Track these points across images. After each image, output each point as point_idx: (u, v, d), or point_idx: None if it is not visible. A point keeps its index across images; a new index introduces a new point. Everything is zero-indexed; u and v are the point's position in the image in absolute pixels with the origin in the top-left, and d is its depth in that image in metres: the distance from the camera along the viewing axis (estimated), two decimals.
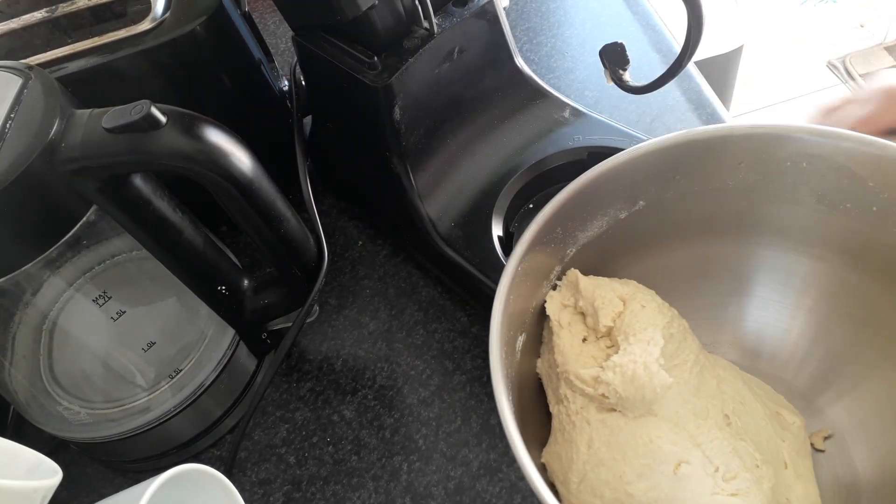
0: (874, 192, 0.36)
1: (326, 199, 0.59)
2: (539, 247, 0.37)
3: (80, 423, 0.43)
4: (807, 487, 0.38)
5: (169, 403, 0.44)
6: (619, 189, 0.39)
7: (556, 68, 0.67)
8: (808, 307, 0.41)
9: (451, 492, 0.45)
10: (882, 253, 0.37)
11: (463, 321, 0.52)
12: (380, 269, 0.56)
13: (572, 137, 0.53)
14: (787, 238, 0.40)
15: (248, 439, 0.48)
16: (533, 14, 0.72)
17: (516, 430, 0.30)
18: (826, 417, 0.41)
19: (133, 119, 0.33)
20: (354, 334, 0.52)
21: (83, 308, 0.44)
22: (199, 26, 0.47)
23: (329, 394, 0.50)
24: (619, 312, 0.38)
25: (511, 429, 0.30)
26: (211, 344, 0.45)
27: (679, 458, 0.36)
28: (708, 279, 0.43)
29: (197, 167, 0.35)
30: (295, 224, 0.41)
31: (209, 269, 0.42)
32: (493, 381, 0.32)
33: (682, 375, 0.38)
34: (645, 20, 0.69)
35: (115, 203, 0.37)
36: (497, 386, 0.32)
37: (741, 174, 0.38)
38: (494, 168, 0.52)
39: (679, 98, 0.63)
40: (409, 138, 0.48)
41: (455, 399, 0.49)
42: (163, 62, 0.47)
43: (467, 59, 0.49)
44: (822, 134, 0.36)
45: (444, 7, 0.48)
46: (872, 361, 0.39)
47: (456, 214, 0.50)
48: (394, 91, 0.45)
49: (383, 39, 0.46)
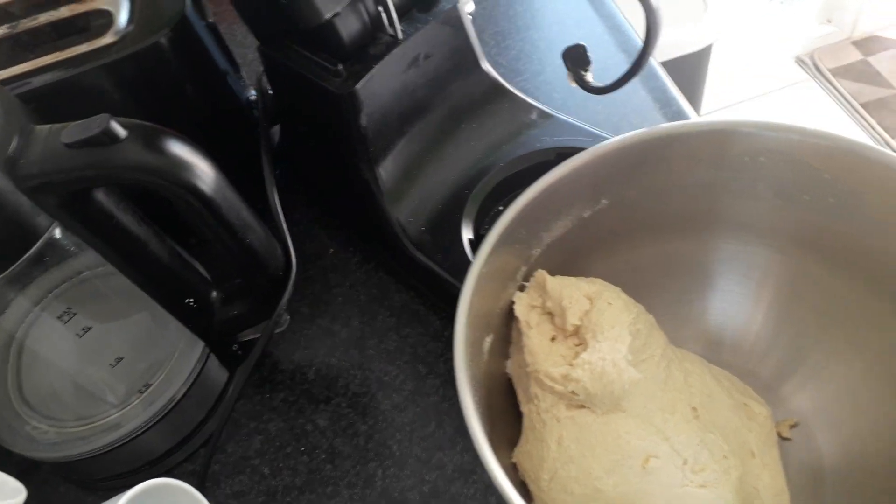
0: (830, 183, 0.37)
1: (297, 208, 0.59)
2: (503, 248, 0.38)
3: (50, 442, 0.43)
4: (774, 476, 0.39)
5: (140, 419, 0.43)
6: (582, 189, 0.39)
7: (525, 71, 0.68)
8: (770, 298, 0.42)
9: (427, 495, 0.45)
10: (840, 243, 0.38)
11: (436, 325, 0.52)
12: (351, 276, 0.56)
13: (540, 139, 0.53)
14: (748, 232, 0.41)
15: (221, 452, 0.48)
16: (500, 18, 0.73)
17: (479, 428, 0.31)
18: (791, 406, 0.42)
19: (93, 133, 0.33)
20: (327, 343, 0.52)
21: (49, 326, 0.43)
22: (163, 38, 0.47)
23: (302, 403, 0.50)
24: (586, 311, 0.39)
25: (474, 426, 0.31)
26: (181, 357, 0.45)
27: (647, 452, 0.36)
28: (673, 275, 0.44)
29: (158, 180, 0.35)
30: (261, 234, 0.41)
31: (176, 281, 0.41)
32: (458, 382, 0.32)
33: (649, 370, 0.38)
34: (611, 21, 0.70)
35: (77, 218, 0.36)
36: (461, 385, 0.32)
37: (700, 171, 0.39)
38: (463, 172, 0.52)
39: (645, 97, 0.64)
40: (376, 144, 0.48)
41: (429, 403, 0.49)
42: (127, 75, 0.47)
43: (433, 64, 0.50)
44: (777, 129, 0.37)
45: (409, 13, 0.48)
46: (833, 349, 0.40)
47: (426, 219, 0.51)
48: (359, 98, 0.45)
49: (348, 47, 0.46)
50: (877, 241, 0.36)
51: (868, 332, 0.38)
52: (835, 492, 0.39)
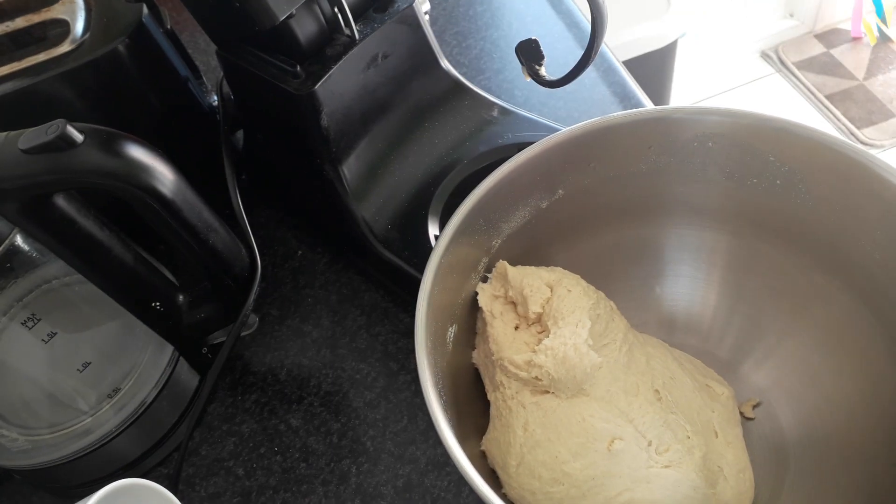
0: (775, 165, 0.38)
1: (264, 210, 0.60)
2: (463, 238, 0.38)
3: (20, 450, 0.43)
4: (737, 453, 0.40)
5: (111, 423, 0.43)
6: (537, 179, 0.40)
7: (486, 69, 0.69)
8: (724, 279, 0.43)
9: (401, 489, 0.45)
10: (788, 222, 0.39)
11: (406, 322, 0.53)
12: (321, 276, 0.56)
13: (502, 135, 0.54)
14: (702, 216, 0.42)
15: (195, 455, 0.48)
16: (461, 18, 0.74)
17: (442, 415, 0.31)
18: (751, 384, 0.43)
19: (49, 139, 0.33)
20: (298, 343, 0.53)
21: (15, 334, 0.43)
22: (120, 45, 0.47)
23: (275, 404, 0.50)
24: (546, 299, 0.39)
25: (437, 414, 0.31)
26: (150, 361, 0.45)
27: (612, 434, 0.37)
28: (632, 261, 0.45)
29: (116, 183, 0.35)
30: (224, 235, 0.41)
31: (140, 285, 0.42)
32: (420, 371, 0.32)
33: (611, 354, 0.39)
34: (569, 18, 0.71)
35: (38, 224, 0.37)
36: (423, 374, 0.32)
37: (652, 158, 0.40)
38: (427, 169, 0.53)
39: (605, 92, 0.65)
40: (338, 144, 0.49)
41: (401, 399, 0.49)
42: (86, 83, 0.47)
43: (392, 63, 0.50)
44: (723, 113, 0.38)
45: (365, 13, 0.49)
46: (787, 326, 0.41)
47: (392, 217, 0.51)
48: (318, 98, 0.46)
49: (305, 48, 0.46)
50: (818, 216, 0.38)
51: (816, 307, 0.40)
52: (797, 466, 0.40)
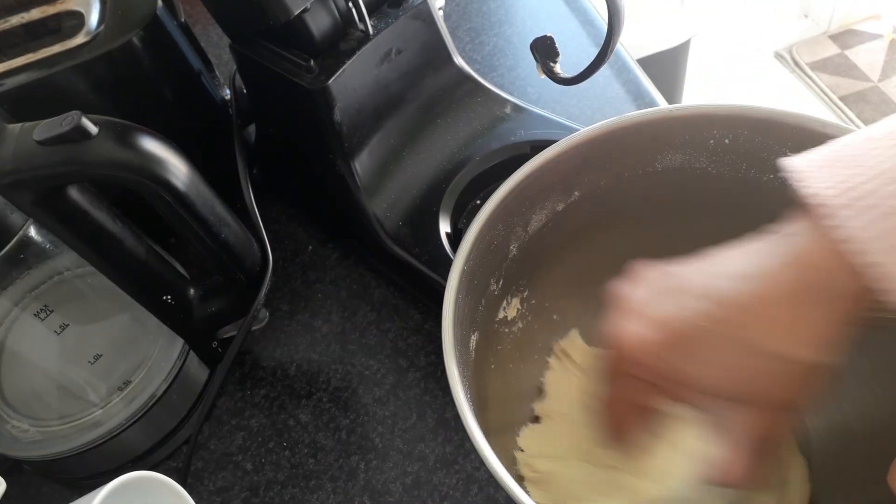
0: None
1: (275, 205, 0.60)
2: (482, 244, 0.38)
3: (31, 441, 0.43)
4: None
5: (120, 416, 0.44)
6: (554, 182, 0.40)
7: (499, 66, 0.68)
8: None
9: (409, 487, 0.45)
10: None
11: (416, 319, 0.53)
12: (331, 272, 0.56)
13: (514, 132, 0.53)
14: (720, 214, 0.41)
15: (204, 449, 0.48)
16: (474, 14, 0.73)
17: (472, 418, 0.31)
18: None
19: (64, 130, 0.33)
20: (307, 338, 0.53)
21: (28, 325, 0.43)
22: (134, 38, 0.47)
23: (284, 399, 0.50)
24: None
25: (468, 416, 0.31)
26: (160, 354, 0.45)
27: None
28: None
29: (131, 175, 0.35)
30: (236, 229, 0.41)
31: (152, 278, 0.42)
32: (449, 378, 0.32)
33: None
34: (583, 15, 0.71)
35: (53, 215, 0.37)
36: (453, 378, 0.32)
37: (668, 156, 0.40)
38: (439, 166, 0.53)
39: (619, 90, 0.64)
40: (351, 139, 0.49)
41: (410, 396, 0.49)
42: (100, 75, 0.47)
43: (406, 59, 0.50)
44: (739, 109, 0.37)
45: (379, 9, 0.49)
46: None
47: (403, 213, 0.51)
48: (332, 93, 0.46)
49: (319, 42, 0.46)
50: None
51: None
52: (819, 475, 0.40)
